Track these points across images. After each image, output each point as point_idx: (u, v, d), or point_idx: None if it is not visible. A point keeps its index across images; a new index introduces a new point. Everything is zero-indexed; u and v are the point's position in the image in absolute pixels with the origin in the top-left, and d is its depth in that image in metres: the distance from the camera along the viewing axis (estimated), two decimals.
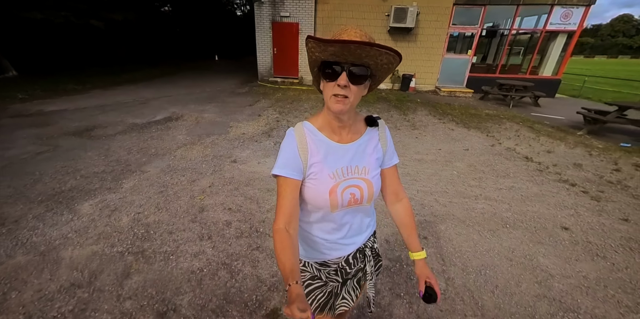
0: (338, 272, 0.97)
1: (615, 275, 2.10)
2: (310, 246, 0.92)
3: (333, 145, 0.82)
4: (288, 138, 0.81)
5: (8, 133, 4.48)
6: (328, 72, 0.71)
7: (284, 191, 0.76)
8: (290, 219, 0.74)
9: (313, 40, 0.66)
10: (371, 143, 0.88)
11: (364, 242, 0.98)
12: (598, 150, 4.87)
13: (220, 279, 1.87)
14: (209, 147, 4.25)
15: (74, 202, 2.68)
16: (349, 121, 0.82)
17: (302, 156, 0.79)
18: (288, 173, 0.76)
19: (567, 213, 2.90)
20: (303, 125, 0.83)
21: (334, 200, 0.81)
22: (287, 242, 0.70)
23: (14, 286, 1.76)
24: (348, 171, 0.82)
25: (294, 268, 0.66)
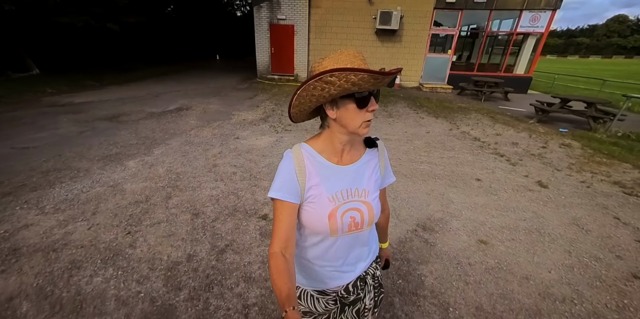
0: (337, 300, 0.95)
1: (496, 203, 3.11)
2: (308, 274, 0.90)
3: (332, 167, 0.80)
4: (285, 161, 0.79)
5: (52, 118, 5.48)
6: (360, 99, 0.70)
7: (280, 215, 0.75)
8: (286, 243, 0.73)
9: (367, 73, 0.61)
10: (370, 165, 0.86)
11: (365, 269, 0.95)
12: (538, 134, 5.88)
13: (230, 199, 2.88)
14: (216, 128, 5.26)
15: (122, 161, 3.69)
16: (351, 142, 0.82)
17: (299, 179, 0.77)
18: (284, 196, 0.75)
19: (485, 172, 3.91)
20: (301, 147, 0.81)
21: (334, 224, 0.78)
22: (283, 267, 0.69)
23: (101, 201, 2.76)
24: (348, 194, 0.80)
25: (291, 294, 0.65)
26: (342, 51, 0.70)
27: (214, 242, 2.26)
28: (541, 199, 3.23)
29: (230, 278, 1.91)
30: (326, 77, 0.63)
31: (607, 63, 46.73)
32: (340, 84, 0.64)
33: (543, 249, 2.38)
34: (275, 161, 3.86)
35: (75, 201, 2.73)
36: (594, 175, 3.91)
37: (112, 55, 14.47)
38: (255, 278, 1.93)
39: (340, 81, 0.63)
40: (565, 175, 3.89)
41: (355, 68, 0.60)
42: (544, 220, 2.83)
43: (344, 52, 0.69)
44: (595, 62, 51.37)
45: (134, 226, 2.41)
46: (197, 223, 2.49)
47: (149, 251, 2.13)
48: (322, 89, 0.67)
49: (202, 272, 1.96)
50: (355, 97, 0.69)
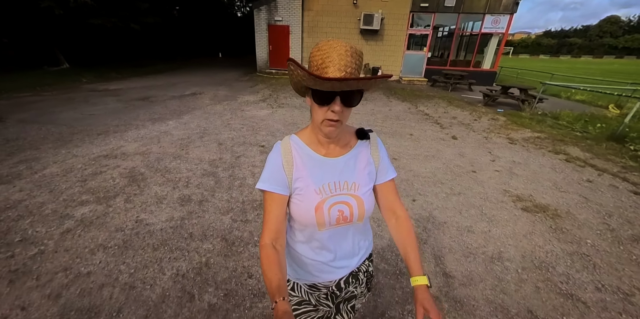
0: (329, 296, 0.93)
1: (416, 144, 4.72)
2: (300, 266, 0.89)
3: (320, 159, 0.78)
4: (274, 152, 0.79)
5: (99, 98, 7.09)
6: (320, 97, 0.66)
7: (269, 206, 0.74)
8: (276, 235, 0.72)
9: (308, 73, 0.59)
10: (362, 157, 0.83)
11: (358, 265, 0.93)
12: (479, 113, 7.50)
13: (240, 138, 4.50)
14: (226, 105, 6.87)
15: (164, 121, 5.30)
16: (337, 136, 0.78)
17: (286, 170, 0.76)
18: (271, 187, 0.74)
19: (419, 131, 5.52)
20: (290, 139, 0.80)
21: (320, 217, 0.76)
22: (273, 258, 0.68)
23: (160, 138, 4.38)
24: (336, 187, 0.78)
25: (281, 284, 0.64)
26: (339, 43, 0.65)
27: (232, 154, 3.88)
28: (448, 144, 4.85)
29: (243, 166, 3.53)
30: (289, 64, 0.62)
31: (590, 62, 48.54)
32: (294, 75, 0.64)
33: (429, 163, 4.01)
34: (270, 123, 5.47)
35: (144, 138, 4.35)
36: (497, 134, 5.54)
37: (128, 52, 16.12)
38: (257, 164, 3.54)
39: (293, 72, 0.63)
40: (476, 134, 5.51)
41: (299, 65, 0.59)
42: (441, 152, 4.44)
43: (334, 44, 0.65)
44: (579, 61, 53.17)
45: (184, 147, 4.03)
46: (222, 146, 4.11)
47: (196, 156, 3.75)
48: (291, 75, 0.67)
49: (229, 164, 3.57)
50: (312, 90, 0.66)
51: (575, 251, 2.31)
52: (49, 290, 1.68)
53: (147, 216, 2.44)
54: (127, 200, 2.66)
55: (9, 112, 5.49)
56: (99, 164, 3.38)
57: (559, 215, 2.82)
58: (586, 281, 2.00)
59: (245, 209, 2.62)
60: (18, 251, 1.96)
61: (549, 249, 2.32)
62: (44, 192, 2.72)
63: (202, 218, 2.45)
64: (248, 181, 3.15)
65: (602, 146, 5.01)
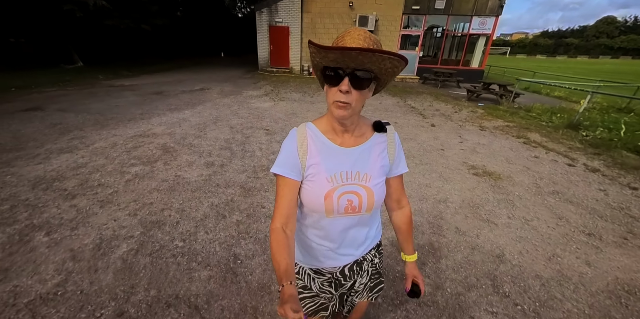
0: (332, 283, 0.96)
1: (397, 130, 5.51)
2: (306, 250, 0.92)
3: (334, 148, 0.80)
4: (289, 138, 0.81)
5: (118, 93, 7.87)
6: (330, 75, 0.68)
7: (282, 191, 0.77)
8: (287, 219, 0.75)
9: (313, 46, 0.62)
10: (376, 150, 0.84)
11: (363, 255, 0.95)
12: (461, 106, 8.30)
13: (248, 124, 5.29)
14: (233, 98, 7.66)
15: (180, 110, 6.09)
16: (352, 125, 0.79)
17: (300, 156, 0.78)
18: (285, 172, 0.77)
19: (403, 120, 6.32)
20: (306, 126, 0.82)
21: (329, 205, 0.79)
22: (283, 242, 0.71)
23: (181, 123, 5.17)
24: (348, 177, 0.80)
25: (289, 269, 0.66)
26: (354, 29, 0.68)
27: (242, 135, 4.67)
28: (426, 130, 5.65)
29: (252, 143, 4.32)
30: (309, 48, 0.65)
31: (583, 62, 49.44)
32: (311, 56, 0.68)
33: (406, 143, 4.80)
34: (272, 113, 6.25)
35: (167, 123, 5.14)
36: (471, 123, 6.33)
37: (136, 51, 16.90)
38: (263, 142, 4.33)
39: (311, 54, 0.67)
40: (453, 123, 6.31)
41: (312, 42, 0.62)
42: (419, 136, 5.24)
43: (354, 30, 0.68)
44: (574, 61, 54.09)
45: (202, 130, 4.83)
46: (233, 129, 4.91)
47: (213, 136, 4.54)
48: (312, 59, 0.70)
49: (240, 141, 4.36)
50: (323, 71, 0.69)
51: (504, 199, 3.10)
52: (127, 211, 2.48)
53: (183, 173, 3.24)
54: (166, 163, 3.45)
55: (46, 103, 6.27)
56: (136, 141, 4.17)
57: (501, 178, 3.62)
58: (502, 214, 2.80)
59: (256, 170, 3.42)
60: (99, 190, 2.76)
61: (484, 197, 3.12)
62: (101, 158, 3.51)
63: (224, 175, 3.25)
64: (257, 153, 3.94)
65: (559, 132, 5.81)
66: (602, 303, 1.82)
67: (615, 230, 2.61)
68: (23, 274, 1.78)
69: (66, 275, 1.79)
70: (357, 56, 0.60)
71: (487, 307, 1.75)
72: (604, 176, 3.80)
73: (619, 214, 2.88)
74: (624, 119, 6.54)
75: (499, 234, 2.48)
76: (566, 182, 3.56)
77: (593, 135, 5.47)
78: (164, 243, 2.14)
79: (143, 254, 2.01)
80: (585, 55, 78.59)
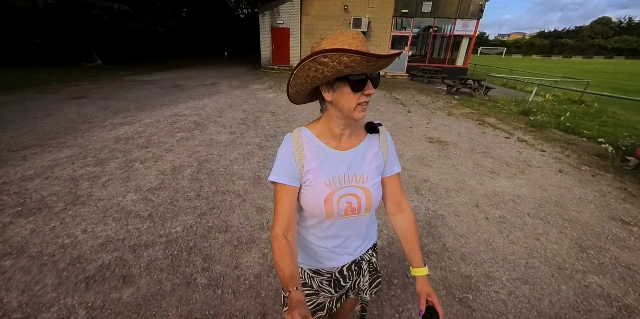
0: (331, 283, 0.96)
1: (380, 116, 6.77)
2: (305, 251, 0.93)
3: (330, 152, 0.81)
4: (285, 144, 0.81)
5: (142, 86, 9.12)
6: (356, 81, 0.68)
7: (281, 198, 0.77)
8: (288, 226, 0.75)
9: (365, 54, 0.59)
10: (371, 151, 0.86)
11: (361, 254, 0.97)
12: (439, 98, 9.56)
13: (257, 109, 6.54)
14: (241, 91, 8.92)
15: (199, 99, 7.34)
16: (349, 128, 0.81)
17: (298, 162, 0.78)
18: (283, 179, 0.77)
19: (385, 108, 7.58)
20: (300, 131, 0.83)
21: (330, 208, 0.80)
22: (285, 249, 0.71)
23: (202, 108, 6.43)
24: (345, 179, 0.81)
25: (294, 274, 0.67)
26: (341, 31, 0.67)
27: (254, 115, 5.92)
28: (402, 115, 6.90)
29: (262, 120, 5.57)
30: (320, 57, 0.61)
31: (576, 62, 50.78)
32: (333, 66, 0.63)
33: (383, 123, 6.06)
34: (276, 101, 7.50)
35: (192, 108, 6.39)
36: (442, 111, 7.60)
37: (148, 50, 18.16)
38: (270, 120, 5.58)
39: (333, 62, 0.62)
40: (427, 110, 7.57)
41: (347, 50, 0.59)
42: (395, 118, 6.49)
43: (343, 32, 0.67)
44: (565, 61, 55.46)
45: (221, 112, 6.08)
46: (246, 112, 6.17)
47: (231, 116, 5.80)
48: (317, 70, 0.65)
49: (252, 120, 5.61)
50: (350, 80, 0.67)
51: (443, 155, 4.36)
52: (185, 155, 3.74)
53: (215, 137, 4.50)
54: (201, 131, 4.72)
55: (88, 93, 7.52)
56: (173, 118, 5.43)
57: (448, 144, 4.88)
58: (438, 162, 4.06)
59: (267, 136, 4.68)
60: (161, 145, 4.03)
61: (430, 154, 4.38)
62: (153, 128, 4.77)
63: (244, 139, 4.51)
64: (266, 127, 5.21)
65: (512, 117, 7.08)
66: (482, 201, 3.09)
67: (511, 171, 3.88)
68: (137, 179, 3.05)
69: (162, 180, 3.06)
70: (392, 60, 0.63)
71: (410, 198, 3.02)
72: (528, 144, 5.08)
73: (521, 164, 4.15)
74: (571, 108, 7.83)
75: (430, 171, 3.75)
76: (496, 147, 4.83)
77: (536, 119, 6.74)
78: (213, 168, 3.40)
79: (202, 173, 3.27)
80: (580, 56, 79.96)
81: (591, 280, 2.04)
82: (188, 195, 2.82)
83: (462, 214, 2.80)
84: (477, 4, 13.42)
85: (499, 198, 3.14)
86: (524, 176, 3.72)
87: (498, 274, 2.06)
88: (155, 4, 12.55)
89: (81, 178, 3.02)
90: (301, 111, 6.47)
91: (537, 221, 2.73)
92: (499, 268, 2.11)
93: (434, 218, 2.72)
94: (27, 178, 2.95)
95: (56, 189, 2.78)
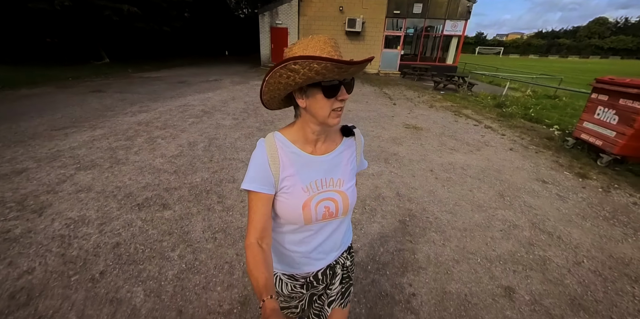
0: (304, 286, 0.96)
1: (366, 107, 7.54)
2: (280, 258, 0.92)
3: (307, 158, 0.80)
4: (258, 151, 0.79)
5: (151, 82, 9.89)
6: (328, 88, 0.67)
7: (255, 206, 0.76)
8: (262, 234, 0.74)
9: (336, 62, 0.59)
10: (346, 154, 0.86)
11: (336, 258, 0.98)
12: (425, 93, 10.33)
13: (256, 101, 7.30)
14: (243, 86, 9.69)
15: (204, 93, 8.11)
16: (325, 132, 0.81)
17: (272, 169, 0.76)
18: (258, 187, 0.75)
19: (373, 101, 8.35)
20: (274, 137, 0.80)
21: (308, 214, 0.80)
22: (259, 257, 0.71)
23: (209, 99, 7.20)
24: (322, 184, 0.81)
25: (268, 283, 0.67)
26: (313, 37, 0.67)
27: (253, 106, 6.68)
28: (387, 107, 7.67)
29: (261, 110, 6.33)
30: (290, 64, 0.61)
31: (570, 62, 51.56)
32: (304, 73, 0.62)
33: (369, 113, 6.82)
34: None
35: (199, 100, 7.16)
36: (425, 104, 8.37)
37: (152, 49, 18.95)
38: (267, 109, 6.36)
39: (303, 69, 0.61)
40: (411, 103, 8.34)
41: (318, 57, 0.59)
42: (380, 110, 7.25)
43: (314, 37, 0.67)
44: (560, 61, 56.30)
45: (224, 103, 6.85)
46: (246, 104, 6.94)
47: (234, 106, 6.57)
48: (288, 77, 0.64)
49: (252, 109, 6.38)
50: (322, 86, 0.67)
51: (415, 136, 5.13)
52: (197, 134, 4.51)
53: (221, 121, 5.27)
54: (209, 118, 5.49)
55: (103, 88, 8.28)
56: (183, 108, 6.21)
57: (421, 129, 5.65)
58: (409, 142, 4.83)
59: (265, 122, 5.44)
60: (176, 127, 4.81)
61: (403, 136, 5.14)
62: (166, 115, 5.54)
63: (246, 123, 5.28)
64: (264, 115, 5.97)
65: (486, 109, 7.86)
66: (436, 168, 3.86)
67: (469, 149, 4.65)
68: (161, 150, 3.82)
69: (181, 151, 3.84)
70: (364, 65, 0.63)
71: (375, 166, 3.79)
72: (492, 130, 5.85)
73: (480, 144, 4.92)
74: (542, 102, 8.61)
75: (401, 148, 4.52)
76: (462, 132, 5.60)
77: (507, 110, 7.52)
78: (221, 144, 4.18)
79: (212, 146, 4.05)
80: (576, 55, 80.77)
81: (498, 212, 2.81)
82: (203, 160, 3.59)
83: (417, 175, 3.58)
84: (465, 6, 14.19)
85: (451, 166, 3.91)
86: (478, 153, 4.50)
87: (431, 208, 2.83)
88: (161, 6, 13.32)
89: (117, 148, 3.80)
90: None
91: (475, 181, 3.50)
92: (434, 206, 2.89)
93: (395, 176, 3.50)
94: (75, 148, 3.73)
95: (100, 155, 3.55)
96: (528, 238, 2.45)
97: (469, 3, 14.19)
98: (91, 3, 10.33)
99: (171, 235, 2.23)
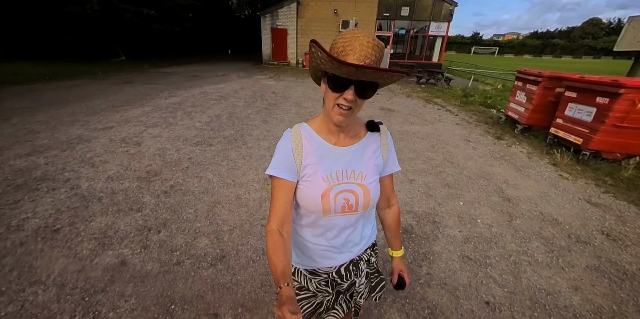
0: (329, 283, 0.96)
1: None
2: (302, 250, 0.93)
3: (329, 148, 0.81)
4: (284, 139, 0.82)
5: (168, 76, 11.36)
6: (335, 81, 0.67)
7: (277, 193, 0.78)
8: (283, 221, 0.76)
9: (327, 55, 0.60)
10: (370, 149, 0.86)
11: (359, 254, 0.97)
12: (407, 87, 11.84)
13: (262, 91, 8.80)
14: (248, 79, 11.17)
15: (216, 84, 9.59)
16: (347, 126, 0.81)
17: (296, 157, 0.79)
18: (280, 173, 0.77)
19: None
20: (300, 127, 0.83)
21: (326, 204, 0.80)
22: (279, 244, 0.72)
23: (222, 89, 8.69)
24: (343, 175, 0.82)
25: (286, 270, 0.67)
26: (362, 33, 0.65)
27: (260, 94, 8.17)
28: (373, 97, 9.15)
29: (266, 97, 7.82)
30: (311, 45, 0.63)
31: (561, 61, 53.25)
32: (314, 57, 0.65)
33: None
34: (275, 86, 9.74)
35: (213, 88, 8.64)
36: (404, 94, 9.87)
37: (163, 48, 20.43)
38: (271, 97, 7.84)
39: (314, 54, 0.64)
40: (391, 94, 9.84)
41: (319, 45, 0.60)
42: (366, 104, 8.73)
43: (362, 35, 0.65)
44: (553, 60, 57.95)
45: (235, 92, 8.33)
46: (254, 92, 8.43)
47: (244, 94, 8.06)
48: (312, 58, 0.68)
49: (259, 96, 7.87)
50: (327, 75, 0.69)
51: (386, 115, 6.63)
52: (219, 111, 6.01)
53: (235, 103, 6.77)
54: (225, 100, 6.98)
55: (131, 80, 9.76)
56: (202, 94, 7.69)
57: (394, 111, 7.14)
58: (379, 118, 6.33)
59: (270, 105, 6.92)
60: (202, 107, 6.30)
61: (376, 114, 6.64)
62: (191, 99, 7.03)
63: (254, 104, 6.77)
64: (269, 99, 7.47)
65: (454, 99, 9.37)
66: (394, 134, 5.37)
67: (424, 123, 6.15)
68: (196, 118, 5.32)
69: (211, 119, 5.34)
70: (370, 73, 0.61)
71: None
72: (450, 112, 7.36)
73: (435, 120, 6.42)
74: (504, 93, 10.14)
75: None
76: (425, 113, 7.11)
77: (469, 99, 9.04)
78: (238, 116, 5.67)
79: (232, 118, 5.55)
80: (570, 56, 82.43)
81: (426, 154, 4.32)
82: (228, 124, 5.10)
83: None
84: (447, 9, 15.71)
85: (406, 132, 5.42)
86: (431, 125, 6.00)
87: None
88: (174, 8, 14.81)
89: (166, 117, 5.31)
90: (294, 92, 8.74)
91: (419, 140, 5.00)
92: None
93: None
94: (137, 116, 5.24)
95: (156, 120, 5.06)
96: (437, 164, 3.96)
97: (451, 6, 15.70)
98: (116, 7, 11.78)
99: (218, 156, 3.75)
